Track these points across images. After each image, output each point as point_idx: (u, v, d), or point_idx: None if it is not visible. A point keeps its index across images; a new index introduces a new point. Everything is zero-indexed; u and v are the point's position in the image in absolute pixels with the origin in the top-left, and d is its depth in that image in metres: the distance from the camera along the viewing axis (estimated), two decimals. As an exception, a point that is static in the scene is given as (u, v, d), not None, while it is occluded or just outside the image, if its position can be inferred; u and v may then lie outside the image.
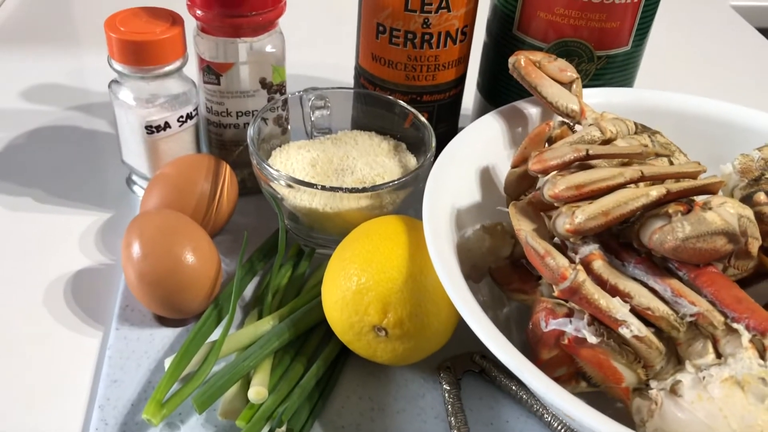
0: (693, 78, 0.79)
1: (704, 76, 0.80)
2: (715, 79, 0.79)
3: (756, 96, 0.77)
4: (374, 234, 0.40)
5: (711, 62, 0.83)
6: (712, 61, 0.83)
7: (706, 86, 0.78)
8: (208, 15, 0.46)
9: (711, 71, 0.81)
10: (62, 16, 0.79)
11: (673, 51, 0.84)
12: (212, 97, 0.49)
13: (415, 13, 0.48)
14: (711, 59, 0.83)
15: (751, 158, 0.43)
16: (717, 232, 0.33)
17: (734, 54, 0.85)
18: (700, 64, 0.82)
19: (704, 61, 0.83)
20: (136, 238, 0.42)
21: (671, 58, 0.82)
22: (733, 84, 0.79)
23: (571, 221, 0.35)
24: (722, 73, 0.81)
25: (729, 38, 0.88)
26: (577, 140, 0.41)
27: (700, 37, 0.88)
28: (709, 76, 0.80)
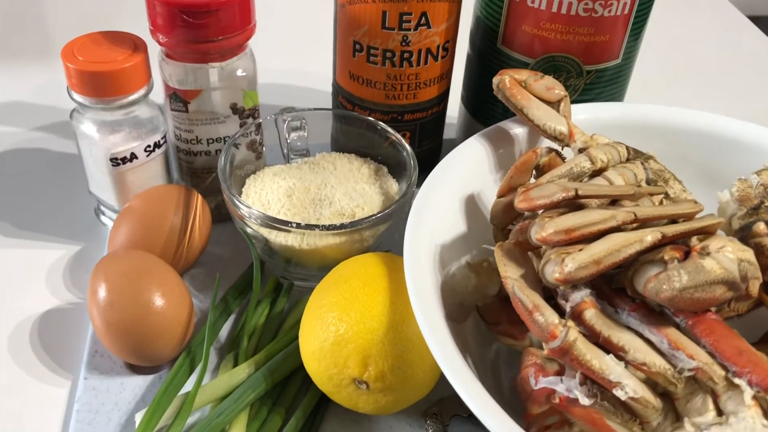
0: (687, 74, 0.77)
1: (699, 71, 0.77)
2: (710, 73, 0.77)
3: (753, 92, 0.74)
4: (353, 278, 0.37)
5: (706, 55, 0.80)
6: (708, 54, 0.80)
7: (701, 82, 0.75)
8: (172, 40, 0.43)
9: (706, 65, 0.79)
10: (26, 27, 0.76)
11: (667, 45, 0.81)
12: (181, 125, 0.47)
13: (393, 30, 0.46)
14: (706, 52, 0.81)
15: (749, 184, 0.41)
16: (717, 281, 0.31)
17: (729, 47, 0.82)
18: (694, 56, 0.80)
19: (699, 54, 0.80)
20: (101, 285, 0.40)
21: (664, 52, 0.80)
22: (729, 79, 0.76)
23: (560, 270, 0.33)
24: (718, 67, 0.78)
25: (724, 31, 0.85)
26: (565, 173, 0.39)
27: (693, 29, 0.85)
28: (703, 71, 0.77)
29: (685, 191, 0.41)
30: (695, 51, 0.81)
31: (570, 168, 0.39)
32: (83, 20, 0.75)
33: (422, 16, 0.45)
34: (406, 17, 0.45)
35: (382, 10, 0.45)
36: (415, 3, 0.45)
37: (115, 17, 0.75)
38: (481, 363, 0.40)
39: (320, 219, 0.44)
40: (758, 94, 0.74)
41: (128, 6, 0.64)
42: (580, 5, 0.45)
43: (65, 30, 0.74)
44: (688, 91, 0.74)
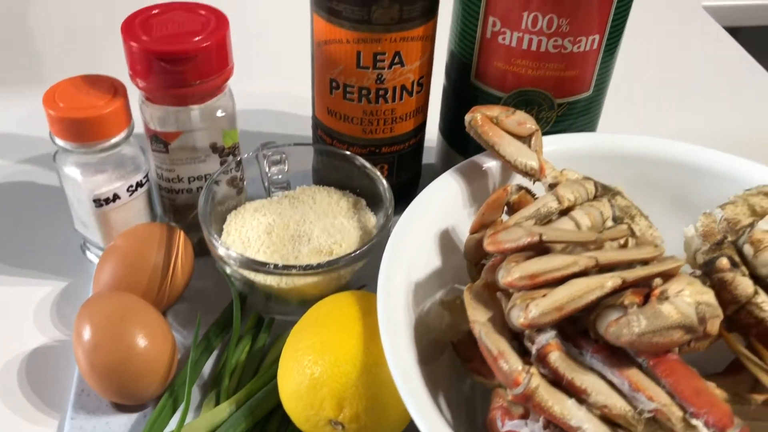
0: (665, 88, 0.78)
1: (677, 84, 0.78)
2: (688, 87, 0.78)
3: (732, 106, 0.75)
4: (328, 321, 0.39)
5: (684, 68, 0.81)
6: (685, 66, 0.82)
7: (679, 95, 0.77)
8: (151, 86, 0.44)
9: (683, 77, 0.80)
10: (12, 57, 0.76)
11: (645, 56, 0.83)
12: (162, 164, 0.48)
13: (368, 69, 0.47)
14: (684, 65, 0.82)
15: (713, 219, 0.42)
16: (673, 326, 0.32)
17: (707, 60, 0.83)
18: (672, 68, 0.81)
19: (677, 66, 0.81)
20: (86, 327, 0.41)
21: (642, 62, 0.81)
22: (707, 92, 0.77)
23: (525, 316, 0.34)
24: (695, 80, 0.79)
25: (702, 42, 0.86)
26: (533, 214, 0.40)
27: (672, 40, 0.86)
28: (681, 84, 0.79)
29: (651, 227, 0.42)
30: (673, 64, 0.82)
31: (537, 209, 0.40)
32: (69, 52, 0.76)
33: (395, 56, 0.46)
34: (379, 57, 0.46)
35: (357, 50, 0.46)
36: (388, 43, 0.46)
37: (99, 53, 0.75)
38: (455, 399, 0.41)
39: (298, 257, 0.45)
40: (737, 108, 0.75)
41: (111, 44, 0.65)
42: (549, 42, 0.46)
43: (51, 61, 0.75)
44: (666, 105, 0.75)
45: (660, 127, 0.72)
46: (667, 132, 0.70)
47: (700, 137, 0.70)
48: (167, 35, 0.43)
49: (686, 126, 0.72)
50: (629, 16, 0.48)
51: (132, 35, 0.43)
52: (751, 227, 0.40)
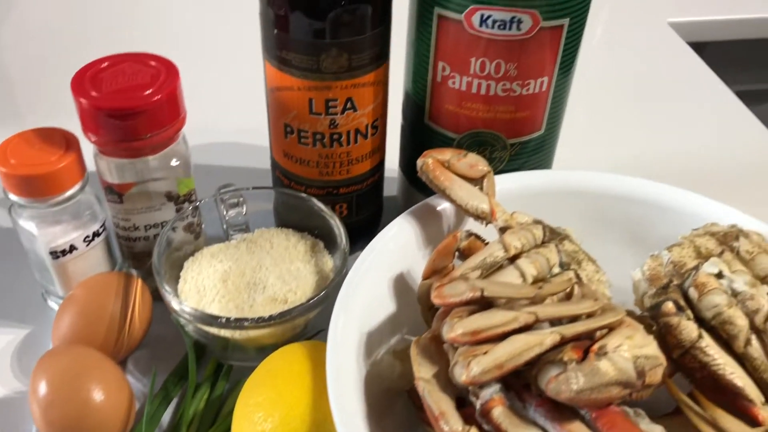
0: (629, 105, 0.79)
1: (640, 100, 0.79)
2: (652, 104, 0.79)
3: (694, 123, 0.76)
4: (279, 375, 0.39)
5: (648, 85, 0.82)
6: (649, 84, 0.82)
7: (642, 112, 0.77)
8: (102, 140, 0.44)
9: (647, 94, 0.81)
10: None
11: (611, 73, 0.83)
12: (117, 214, 0.48)
13: (321, 115, 0.47)
14: (648, 82, 0.83)
15: (659, 262, 0.42)
16: (611, 383, 0.33)
17: (671, 77, 0.84)
18: (636, 85, 0.82)
19: (641, 83, 0.82)
20: (41, 383, 0.41)
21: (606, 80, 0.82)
22: (670, 109, 0.78)
23: (467, 373, 0.34)
24: (659, 97, 0.80)
25: (666, 59, 0.87)
26: (479, 264, 0.40)
27: (637, 57, 0.87)
28: (645, 101, 0.79)
29: (599, 272, 0.43)
30: (637, 81, 0.83)
31: (484, 258, 0.41)
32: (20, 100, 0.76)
33: (347, 101, 0.47)
34: (331, 103, 0.47)
35: (308, 97, 0.46)
36: (339, 90, 0.46)
37: (50, 100, 0.75)
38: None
39: (253, 305, 0.45)
40: (699, 125, 0.76)
41: (62, 93, 0.64)
42: (498, 86, 0.46)
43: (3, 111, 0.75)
44: (630, 122, 0.76)
45: (624, 146, 0.73)
46: (632, 151, 0.72)
47: (660, 158, 0.71)
48: (117, 90, 0.44)
49: (648, 147, 0.73)
50: (578, 56, 0.48)
51: (81, 91, 0.43)
52: (696, 270, 0.41)
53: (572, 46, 0.47)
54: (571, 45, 0.47)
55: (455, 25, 0.45)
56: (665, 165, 0.70)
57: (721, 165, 0.71)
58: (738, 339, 0.39)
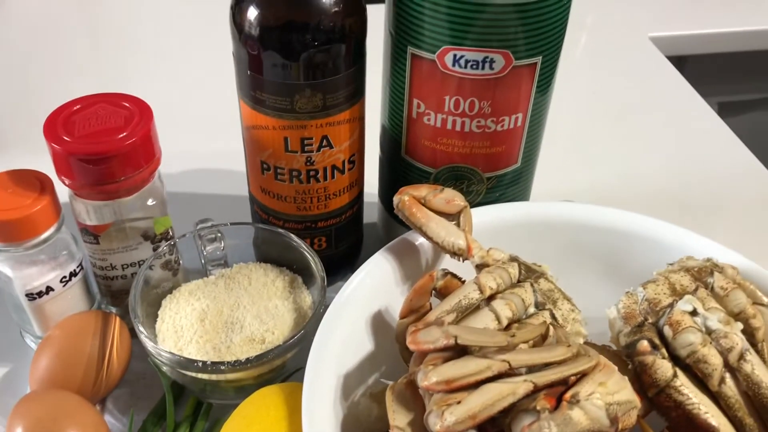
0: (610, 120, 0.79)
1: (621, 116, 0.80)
2: (633, 119, 0.79)
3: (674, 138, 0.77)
4: (255, 424, 0.39)
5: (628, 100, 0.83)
6: (629, 99, 0.83)
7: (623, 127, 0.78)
8: (77, 183, 0.44)
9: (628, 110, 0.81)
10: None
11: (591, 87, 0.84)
12: (94, 254, 0.48)
13: (297, 153, 0.47)
14: (628, 97, 0.83)
15: (634, 300, 0.43)
16: (584, 431, 0.33)
17: (651, 92, 0.84)
18: (617, 101, 0.82)
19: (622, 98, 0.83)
20: (18, 431, 0.41)
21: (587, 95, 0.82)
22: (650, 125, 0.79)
23: (441, 423, 0.34)
24: (639, 112, 0.81)
25: (647, 74, 0.88)
26: (454, 307, 0.40)
27: (617, 72, 0.88)
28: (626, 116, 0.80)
29: (574, 310, 0.43)
30: (618, 97, 0.83)
31: (459, 301, 0.41)
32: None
33: (323, 139, 0.47)
34: (307, 141, 0.47)
35: (284, 136, 0.46)
36: (315, 129, 0.46)
37: (23, 139, 0.73)
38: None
39: (230, 346, 0.45)
40: (679, 141, 0.77)
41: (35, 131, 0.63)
42: (473, 123, 0.46)
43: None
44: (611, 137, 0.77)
45: (603, 165, 0.73)
46: (612, 169, 0.72)
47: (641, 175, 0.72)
48: (90, 133, 0.43)
49: (627, 164, 0.74)
50: (552, 91, 0.49)
51: (54, 136, 0.43)
52: (670, 308, 0.41)
53: (545, 82, 0.47)
54: (545, 81, 0.47)
55: (429, 64, 0.45)
56: (644, 183, 0.71)
57: (698, 181, 0.72)
58: (712, 377, 0.39)
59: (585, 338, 0.42)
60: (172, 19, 0.95)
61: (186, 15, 0.95)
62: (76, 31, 0.92)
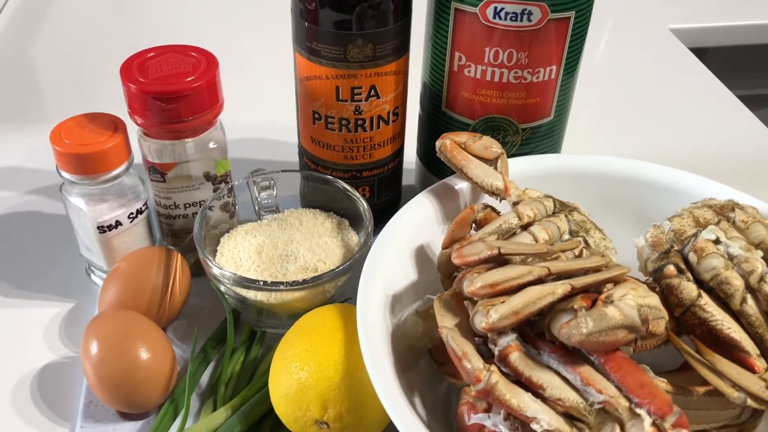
0: (632, 108, 0.82)
1: (643, 104, 0.83)
2: (654, 107, 0.83)
3: (696, 125, 0.80)
4: (313, 330, 0.43)
5: (650, 89, 0.86)
6: (652, 88, 0.86)
7: (645, 115, 0.81)
8: (148, 122, 0.48)
9: (650, 98, 0.84)
10: (20, 93, 0.81)
11: (612, 77, 0.87)
12: (159, 193, 0.52)
13: (347, 102, 0.51)
14: (650, 86, 0.86)
15: (661, 230, 0.46)
16: (617, 326, 0.36)
17: (673, 81, 0.88)
18: (639, 89, 0.86)
19: (644, 87, 0.86)
20: (93, 342, 0.45)
21: (609, 83, 0.85)
22: (672, 112, 0.82)
23: (486, 320, 0.38)
24: (661, 100, 0.84)
25: (668, 64, 0.91)
26: (494, 230, 0.44)
27: (639, 62, 0.91)
28: (647, 104, 0.83)
29: (605, 239, 0.46)
30: (640, 85, 0.87)
31: (499, 225, 0.44)
32: (70, 91, 0.81)
33: (371, 89, 0.51)
34: (357, 91, 0.51)
35: (335, 85, 0.50)
36: (364, 78, 0.50)
37: (99, 92, 0.80)
38: (432, 401, 0.45)
39: (286, 274, 0.49)
40: (701, 127, 0.80)
41: (110, 83, 0.68)
42: (510, 74, 0.50)
43: (57, 97, 0.80)
44: (633, 125, 0.80)
45: (626, 146, 0.76)
46: (634, 151, 0.75)
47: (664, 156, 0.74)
48: (162, 77, 0.48)
49: (652, 145, 0.77)
50: (584, 47, 0.52)
51: (130, 77, 0.47)
52: (695, 237, 0.45)
53: (578, 38, 0.51)
54: (577, 37, 0.51)
55: (471, 17, 0.49)
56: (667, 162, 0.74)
57: (724, 165, 0.74)
58: (734, 298, 0.42)
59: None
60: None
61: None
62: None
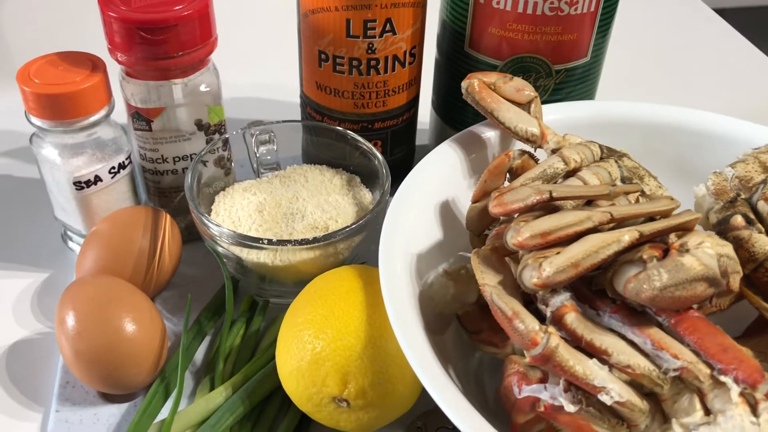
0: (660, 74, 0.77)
1: (670, 71, 0.78)
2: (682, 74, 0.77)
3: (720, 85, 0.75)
4: (328, 293, 0.37)
5: (677, 55, 0.80)
6: (679, 53, 0.81)
7: (674, 83, 0.75)
8: (131, 59, 0.42)
9: (677, 64, 0.79)
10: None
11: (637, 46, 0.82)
12: (145, 144, 0.46)
13: (358, 38, 0.45)
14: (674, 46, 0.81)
15: (724, 177, 0.40)
16: (697, 278, 0.31)
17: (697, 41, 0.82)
18: (665, 56, 0.80)
19: (670, 54, 0.81)
20: (69, 313, 0.39)
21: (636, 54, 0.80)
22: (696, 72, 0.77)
23: (538, 275, 0.32)
24: (685, 60, 0.79)
25: (691, 24, 0.86)
26: (538, 175, 0.38)
27: (664, 29, 0.86)
28: (674, 71, 0.78)
29: (661, 187, 0.40)
30: (663, 44, 0.81)
31: (543, 170, 0.38)
32: (42, 42, 0.74)
33: (387, 23, 0.45)
34: (370, 24, 0.44)
35: (346, 18, 0.44)
36: (379, 9, 0.44)
37: (73, 37, 0.73)
38: (464, 374, 0.39)
39: (293, 234, 0.43)
40: (724, 87, 0.74)
41: (86, 26, 0.62)
42: (545, 5, 0.44)
43: (23, 52, 0.72)
44: (656, 86, 0.74)
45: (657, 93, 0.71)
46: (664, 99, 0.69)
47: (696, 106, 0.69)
48: (147, 4, 0.41)
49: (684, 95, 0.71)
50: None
51: (109, 4, 0.41)
52: (764, 183, 0.39)
53: (621, -36, 0.45)
54: (620, -38, 0.45)
55: (502, -64, 0.42)
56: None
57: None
58: (815, 251, 0.37)
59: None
60: None
61: None
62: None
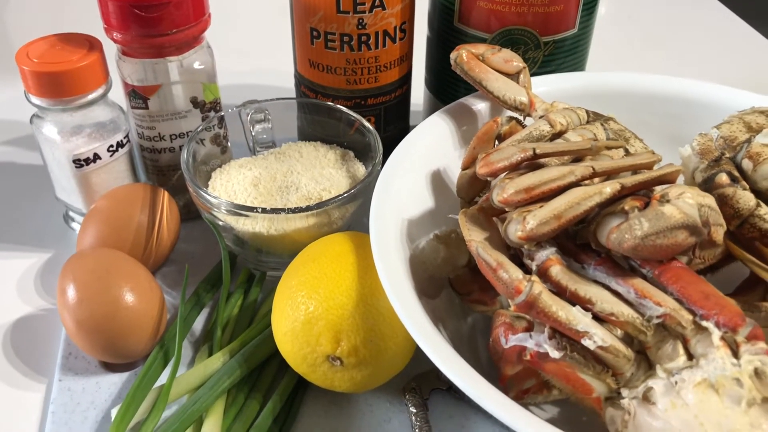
0: (649, 48, 0.77)
1: (661, 47, 0.78)
2: (673, 50, 0.78)
3: (716, 65, 0.75)
4: (320, 257, 0.37)
5: (668, 30, 0.81)
6: (670, 29, 0.81)
7: (663, 58, 0.76)
8: (127, 37, 0.43)
9: (668, 41, 0.79)
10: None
11: (627, 22, 0.82)
12: (142, 122, 0.47)
13: (348, 14, 0.46)
14: (668, 27, 0.82)
15: (709, 138, 0.41)
16: (677, 226, 0.31)
17: (690, 20, 0.83)
18: (656, 32, 0.81)
19: (661, 29, 0.81)
20: (69, 283, 0.40)
21: (624, 30, 0.80)
22: (692, 54, 0.77)
23: (522, 228, 0.33)
24: (680, 43, 0.79)
25: (684, 3, 0.86)
26: (525, 137, 0.39)
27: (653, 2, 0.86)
28: (666, 47, 0.78)
29: (647, 149, 0.41)
30: (653, 18, 0.82)
31: (529, 132, 0.39)
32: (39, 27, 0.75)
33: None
34: (360, 0, 0.45)
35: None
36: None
37: (69, 20, 0.74)
38: (456, 337, 0.40)
39: (287, 204, 0.43)
40: (712, 59, 0.75)
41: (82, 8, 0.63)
42: (531, -24, 0.45)
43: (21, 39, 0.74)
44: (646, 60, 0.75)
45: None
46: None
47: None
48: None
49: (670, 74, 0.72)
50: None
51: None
52: (748, 142, 0.40)
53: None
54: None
55: None
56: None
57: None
58: (797, 207, 0.37)
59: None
60: None
61: None
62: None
